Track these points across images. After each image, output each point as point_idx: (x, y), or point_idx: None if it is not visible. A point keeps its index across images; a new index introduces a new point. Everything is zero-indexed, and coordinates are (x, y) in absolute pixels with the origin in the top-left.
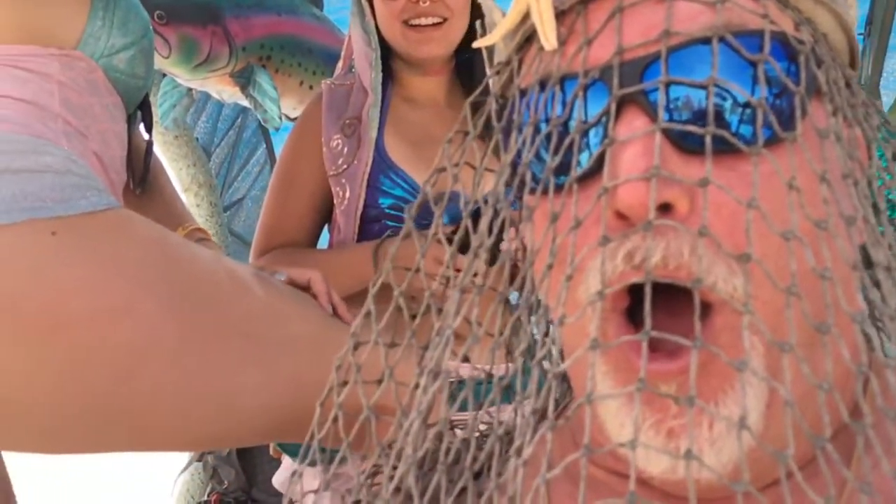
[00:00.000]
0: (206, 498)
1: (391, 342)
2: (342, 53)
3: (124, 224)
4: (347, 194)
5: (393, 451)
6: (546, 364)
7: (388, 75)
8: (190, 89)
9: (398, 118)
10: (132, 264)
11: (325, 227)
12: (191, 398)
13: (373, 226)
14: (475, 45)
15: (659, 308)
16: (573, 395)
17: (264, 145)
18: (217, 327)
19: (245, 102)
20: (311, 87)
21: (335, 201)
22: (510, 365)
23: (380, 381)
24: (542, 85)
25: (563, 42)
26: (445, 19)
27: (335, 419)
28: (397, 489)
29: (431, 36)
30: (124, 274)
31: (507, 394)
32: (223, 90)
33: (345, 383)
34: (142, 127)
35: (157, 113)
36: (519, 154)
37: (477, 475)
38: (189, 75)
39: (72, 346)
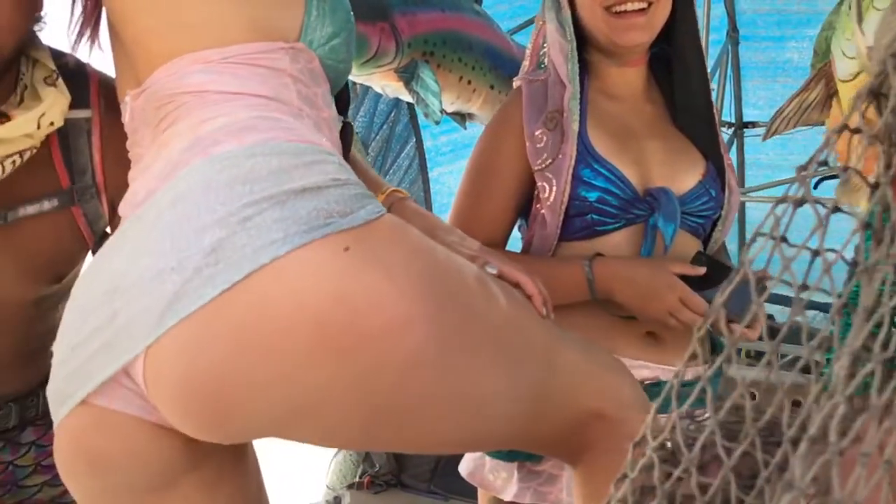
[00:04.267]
0: (358, 479)
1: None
2: (527, 51)
3: (396, 232)
4: (554, 189)
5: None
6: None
7: (584, 68)
8: (354, 84)
9: (598, 110)
10: (409, 275)
11: None
12: (448, 404)
13: (576, 220)
14: None
15: None
16: None
17: (414, 139)
18: (473, 334)
19: (407, 97)
20: (469, 83)
21: (541, 196)
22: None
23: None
24: None
25: None
26: (650, 4)
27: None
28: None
29: (635, 22)
30: (404, 287)
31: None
32: (387, 85)
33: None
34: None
35: None
36: None
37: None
38: (357, 71)
39: (364, 359)
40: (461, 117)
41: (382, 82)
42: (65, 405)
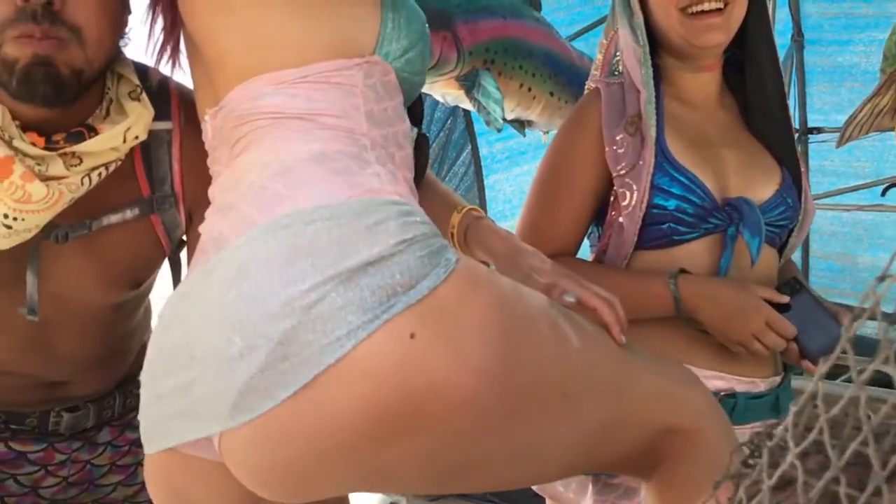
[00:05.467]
0: None
1: None
2: (597, 61)
3: (464, 292)
4: (635, 196)
5: None
6: None
7: (657, 74)
8: None
9: (673, 116)
10: (476, 341)
11: None
12: (513, 455)
13: (652, 229)
14: None
15: None
16: None
17: (470, 147)
18: (540, 388)
19: (467, 105)
20: (529, 90)
21: (619, 203)
22: None
23: None
24: None
25: None
26: (726, 4)
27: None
28: None
29: (713, 23)
30: (470, 357)
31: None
32: (448, 93)
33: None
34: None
35: None
36: None
37: None
38: None
39: (431, 437)
40: (520, 124)
41: (443, 90)
42: (150, 447)
